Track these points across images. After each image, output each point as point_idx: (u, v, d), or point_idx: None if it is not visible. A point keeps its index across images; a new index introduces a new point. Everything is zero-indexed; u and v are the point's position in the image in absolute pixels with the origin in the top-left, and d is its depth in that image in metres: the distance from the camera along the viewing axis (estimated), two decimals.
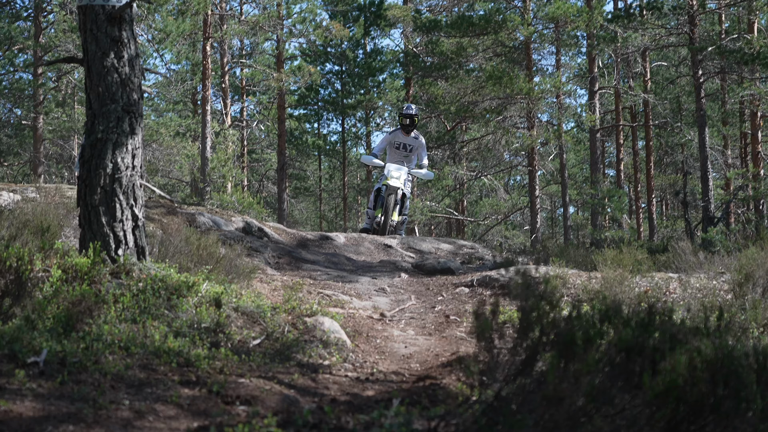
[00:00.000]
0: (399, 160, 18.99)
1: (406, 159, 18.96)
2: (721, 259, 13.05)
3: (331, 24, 39.56)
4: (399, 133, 19.02)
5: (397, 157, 19.00)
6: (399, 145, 18.93)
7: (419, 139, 19.07)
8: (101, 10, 8.67)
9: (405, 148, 18.90)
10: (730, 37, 33.59)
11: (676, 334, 4.85)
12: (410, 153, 18.99)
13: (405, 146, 18.90)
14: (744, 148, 39.92)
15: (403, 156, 18.93)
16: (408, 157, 18.98)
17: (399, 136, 18.98)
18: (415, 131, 19.03)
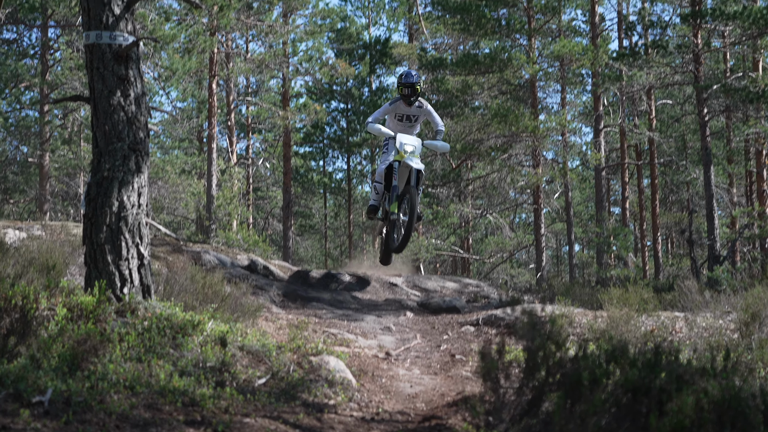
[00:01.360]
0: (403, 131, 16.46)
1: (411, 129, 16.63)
2: (727, 298, 13.03)
3: (337, 62, 39.74)
4: (400, 103, 16.48)
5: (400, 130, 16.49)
6: (402, 116, 16.53)
7: (424, 107, 16.59)
8: (108, 48, 8.71)
9: (408, 119, 16.55)
10: (735, 75, 33.63)
11: (683, 374, 4.84)
12: (415, 122, 16.70)
13: (408, 117, 16.52)
14: (750, 187, 39.91)
15: (408, 127, 16.58)
16: (412, 128, 16.67)
17: (400, 107, 16.49)
18: (419, 100, 16.51)
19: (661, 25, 32.86)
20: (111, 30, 8.74)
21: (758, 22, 28.42)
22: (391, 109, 16.49)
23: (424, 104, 16.56)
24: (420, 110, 16.51)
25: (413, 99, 16.27)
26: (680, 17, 31.19)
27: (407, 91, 16.22)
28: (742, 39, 31.72)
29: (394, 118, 16.52)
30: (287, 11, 38.78)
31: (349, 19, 46.36)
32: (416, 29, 42.46)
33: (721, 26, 30.49)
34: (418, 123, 16.77)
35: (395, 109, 16.45)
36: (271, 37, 38.37)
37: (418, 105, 16.44)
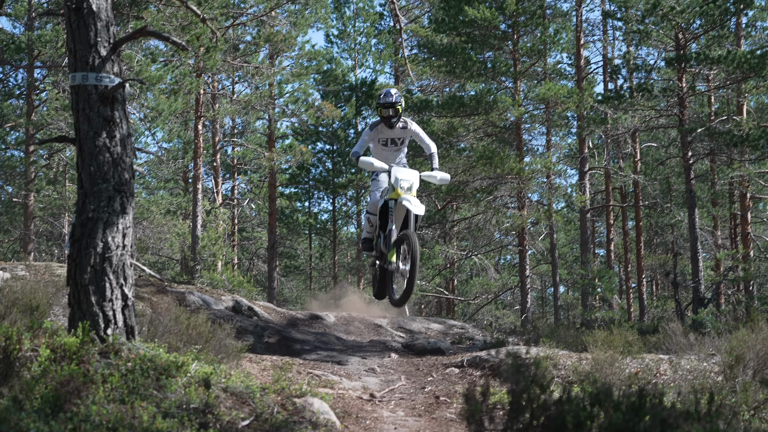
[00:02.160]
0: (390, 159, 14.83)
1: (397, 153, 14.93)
2: (711, 340, 13.04)
3: (323, 104, 39.83)
4: (381, 127, 14.72)
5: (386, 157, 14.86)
6: (385, 141, 14.83)
7: (409, 127, 14.78)
8: (94, 90, 8.72)
9: (393, 143, 14.85)
10: (719, 118, 33.82)
11: (667, 418, 4.84)
12: (401, 146, 14.97)
13: (393, 141, 14.83)
14: (734, 229, 40.04)
15: (394, 151, 14.91)
16: (399, 151, 14.94)
17: (383, 131, 14.74)
18: (402, 120, 14.70)
19: (646, 69, 33.08)
20: (97, 71, 8.75)
21: (742, 67, 28.64)
22: (373, 135, 14.77)
23: (408, 124, 14.80)
24: (405, 131, 14.79)
25: (395, 120, 14.52)
26: (665, 61, 31.46)
27: (387, 112, 14.46)
28: (727, 83, 31.94)
29: (378, 143, 14.86)
30: (273, 53, 38.92)
31: (335, 61, 46.56)
32: (402, 71, 42.66)
33: (706, 70, 30.71)
34: (405, 145, 15.06)
35: (377, 133, 14.75)
36: (257, 79, 38.46)
37: (402, 126, 14.72)
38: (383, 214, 14.14)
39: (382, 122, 14.57)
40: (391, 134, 14.71)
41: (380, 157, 14.71)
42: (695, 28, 30.73)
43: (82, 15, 8.82)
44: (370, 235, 14.65)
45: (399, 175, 13.82)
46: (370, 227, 14.66)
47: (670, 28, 30.29)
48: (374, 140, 14.82)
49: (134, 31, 9.43)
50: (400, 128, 14.67)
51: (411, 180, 13.87)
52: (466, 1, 33.12)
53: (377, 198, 14.46)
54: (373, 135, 14.73)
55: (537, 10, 34.42)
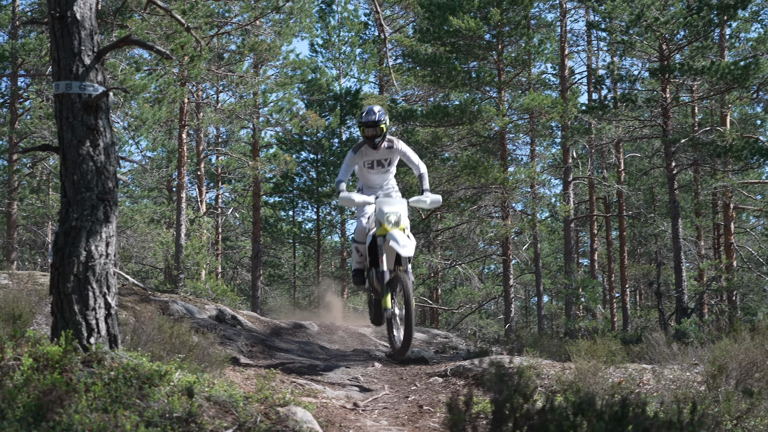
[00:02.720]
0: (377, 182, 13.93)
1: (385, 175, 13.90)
2: (694, 350, 13.07)
3: (307, 113, 39.84)
4: (365, 148, 13.54)
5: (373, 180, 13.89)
6: (371, 163, 13.66)
7: (395, 146, 13.61)
8: (77, 98, 8.71)
9: (380, 164, 13.70)
10: (703, 129, 33.97)
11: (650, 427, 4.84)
12: (389, 167, 13.83)
13: (380, 162, 13.68)
14: (717, 239, 40.20)
15: (381, 174, 13.82)
16: (387, 172, 13.87)
17: (367, 153, 13.57)
18: (387, 139, 13.53)
19: (630, 79, 33.17)
20: (81, 80, 8.74)
21: (726, 78, 28.74)
22: (357, 158, 13.52)
23: (395, 143, 13.59)
24: (391, 151, 13.60)
25: (379, 140, 13.32)
26: (649, 72, 31.56)
27: (371, 132, 13.28)
28: (710, 94, 32.03)
29: (363, 166, 13.65)
30: (258, 62, 38.93)
31: (319, 70, 46.52)
32: (387, 81, 42.76)
33: (690, 81, 30.81)
34: (393, 166, 13.89)
35: (361, 156, 13.54)
36: (241, 88, 38.47)
37: (388, 145, 13.52)
38: (373, 250, 12.95)
39: (366, 143, 13.41)
40: (376, 155, 13.57)
41: (367, 182, 13.86)
42: (679, 39, 30.81)
43: (66, 24, 8.82)
44: (361, 266, 13.56)
45: (385, 208, 12.60)
46: (359, 257, 13.55)
47: (654, 38, 30.38)
48: (359, 163, 13.66)
49: (118, 40, 9.43)
50: (386, 148, 13.53)
51: (398, 211, 12.64)
52: (451, 11, 33.16)
53: (363, 225, 13.38)
54: (356, 158, 13.54)
55: (521, 20, 34.48)
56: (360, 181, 14.14)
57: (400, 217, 12.53)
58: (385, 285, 12.49)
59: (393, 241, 12.19)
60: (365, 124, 13.27)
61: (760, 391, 8.57)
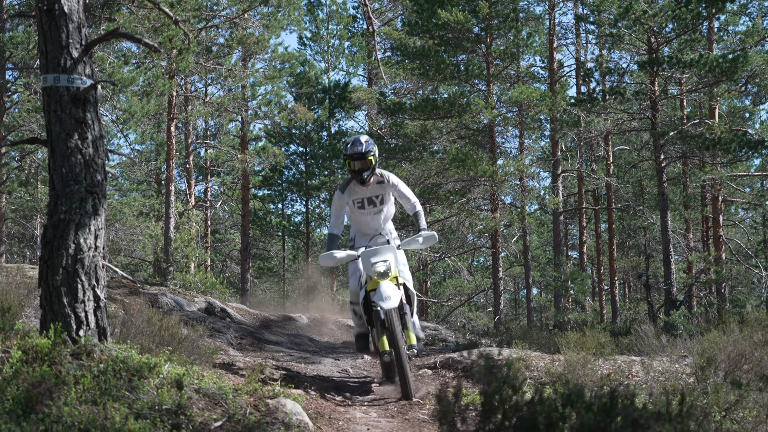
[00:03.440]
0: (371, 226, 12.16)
1: (379, 216, 12.12)
2: (683, 342, 13.09)
3: (296, 106, 39.79)
4: (353, 186, 11.88)
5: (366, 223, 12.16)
6: (361, 202, 11.95)
7: (387, 181, 11.95)
8: (66, 91, 8.69)
9: (372, 203, 11.97)
10: (691, 122, 34.00)
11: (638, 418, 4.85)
12: (382, 205, 12.07)
13: (371, 201, 11.96)
14: (706, 232, 40.24)
15: (374, 214, 12.06)
16: (381, 212, 12.10)
17: (356, 191, 11.90)
18: (377, 173, 11.90)
19: (618, 72, 33.19)
20: (69, 73, 8.72)
21: (714, 71, 28.77)
22: (345, 198, 11.90)
23: (386, 177, 11.96)
24: (383, 187, 11.95)
25: (368, 175, 11.66)
26: (637, 64, 31.56)
27: (357, 165, 11.61)
28: (699, 87, 32.07)
29: (354, 207, 12.02)
30: (246, 55, 38.92)
31: (308, 63, 46.48)
32: (375, 74, 42.73)
33: (678, 74, 30.80)
34: (387, 204, 12.20)
35: (349, 195, 11.91)
36: (230, 81, 38.41)
37: (379, 180, 11.90)
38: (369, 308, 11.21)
39: (353, 179, 11.77)
40: (366, 192, 11.89)
41: (359, 226, 12.23)
42: (668, 32, 30.82)
43: (53, 17, 8.80)
44: (363, 330, 11.94)
45: (372, 259, 11.13)
46: (358, 320, 11.97)
47: (642, 31, 30.37)
48: (348, 204, 12.00)
49: (106, 33, 9.41)
50: (377, 183, 11.88)
51: (386, 259, 11.16)
52: (440, 4, 33.16)
53: (356, 285, 11.81)
54: (344, 198, 11.90)
55: (510, 13, 34.47)
56: (352, 228, 12.51)
57: (389, 266, 11.08)
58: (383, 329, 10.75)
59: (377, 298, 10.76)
60: (351, 156, 11.59)
61: (748, 383, 8.59)
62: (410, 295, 11.46)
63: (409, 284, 11.58)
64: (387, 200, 12.10)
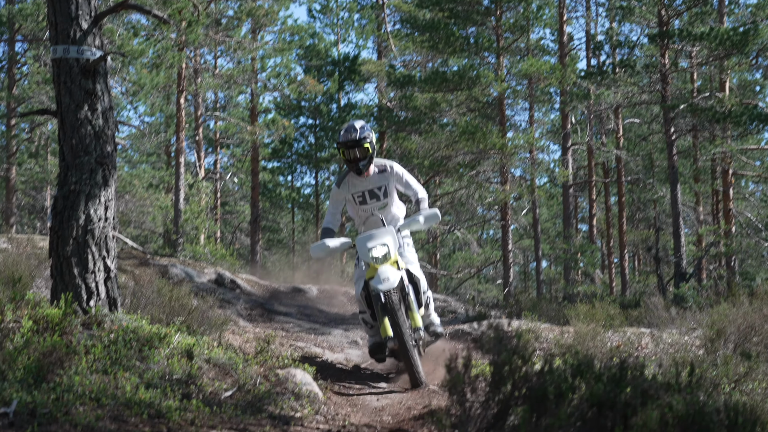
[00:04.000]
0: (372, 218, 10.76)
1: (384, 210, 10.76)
2: (693, 314, 13.09)
3: (306, 78, 39.72)
4: (350, 178, 10.64)
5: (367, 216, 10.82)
6: (362, 196, 10.64)
7: (389, 170, 10.65)
8: (75, 63, 8.68)
9: (374, 196, 10.64)
10: (701, 95, 33.87)
11: (648, 389, 4.86)
12: (386, 197, 10.70)
13: (373, 194, 10.64)
14: (716, 205, 40.15)
15: (379, 209, 10.69)
16: (386, 207, 10.75)
17: (354, 184, 10.62)
18: (375, 162, 10.64)
19: (628, 45, 33.06)
20: (78, 44, 8.72)
21: (725, 44, 28.64)
22: (342, 192, 10.71)
23: (387, 166, 10.68)
24: (385, 177, 10.66)
25: (365, 164, 10.39)
26: (648, 37, 31.40)
27: (352, 154, 10.37)
28: (709, 60, 31.92)
29: (354, 202, 10.75)
30: (256, 27, 38.83)
31: (317, 35, 46.36)
32: (385, 46, 42.51)
33: (689, 47, 30.69)
34: (392, 195, 10.84)
35: (347, 189, 10.68)
36: (239, 53, 38.37)
37: (380, 170, 10.65)
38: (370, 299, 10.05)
39: (350, 170, 10.59)
40: (366, 185, 10.63)
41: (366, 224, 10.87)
42: (678, 4, 30.69)
43: None
44: (377, 338, 10.22)
45: (368, 244, 9.99)
46: (369, 329, 10.48)
47: (653, 4, 30.25)
48: (348, 200, 10.79)
49: (116, 5, 9.40)
50: (377, 173, 10.64)
51: (384, 242, 10.03)
52: None
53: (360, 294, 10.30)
54: (342, 193, 10.71)
55: None
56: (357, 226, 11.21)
57: (388, 250, 9.95)
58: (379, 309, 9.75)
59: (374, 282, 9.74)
60: (344, 144, 10.38)
61: (758, 355, 8.60)
62: (417, 281, 10.27)
63: (415, 268, 10.41)
64: (391, 192, 10.77)
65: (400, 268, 10.01)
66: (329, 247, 10.17)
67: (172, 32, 30.16)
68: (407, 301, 9.84)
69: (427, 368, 9.69)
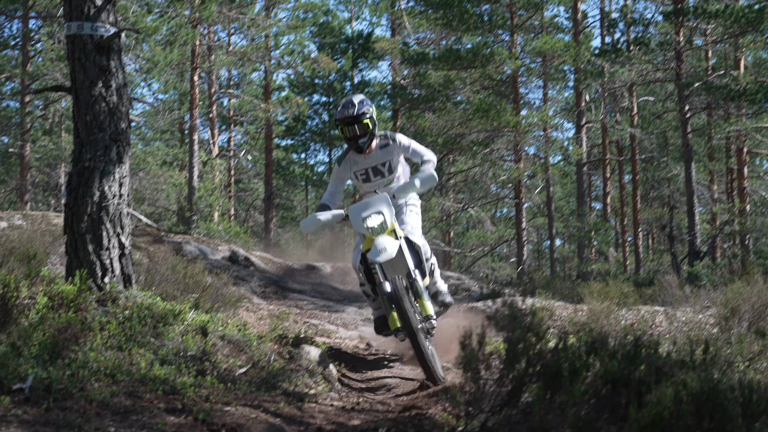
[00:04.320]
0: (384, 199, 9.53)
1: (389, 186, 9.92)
2: (707, 293, 13.08)
3: (319, 56, 39.66)
4: (352, 156, 9.93)
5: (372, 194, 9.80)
6: (365, 174, 9.94)
7: (392, 143, 9.86)
8: (89, 39, 8.68)
9: (377, 172, 9.91)
10: (716, 73, 33.75)
11: (662, 366, 4.86)
12: (393, 173, 9.97)
13: (377, 171, 9.90)
14: (730, 184, 40.04)
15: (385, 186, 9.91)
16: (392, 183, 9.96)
17: (356, 161, 9.92)
18: (378, 135, 9.89)
19: (643, 23, 32.96)
20: (92, 21, 8.71)
21: (740, 21, 28.52)
22: (344, 171, 10.03)
23: (390, 137, 9.91)
24: (389, 151, 9.89)
25: (364, 141, 9.66)
26: (663, 15, 31.29)
27: (350, 132, 9.67)
28: (724, 37, 31.82)
29: (359, 180, 10.05)
30: (269, 5, 38.75)
31: (331, 13, 46.31)
32: (399, 24, 42.41)
33: (703, 24, 30.56)
34: (398, 170, 10.09)
35: (349, 167, 9.99)
36: (253, 31, 38.29)
37: (382, 144, 9.88)
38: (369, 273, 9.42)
39: (351, 148, 9.89)
40: (369, 162, 9.93)
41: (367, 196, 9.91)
42: None
43: None
44: (381, 311, 9.78)
45: (363, 214, 9.26)
46: (372, 302, 9.92)
47: None
48: (351, 178, 10.13)
49: None
50: (380, 149, 9.89)
51: (380, 210, 9.29)
52: None
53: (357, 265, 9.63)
54: (344, 171, 10.03)
55: None
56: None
57: (384, 219, 9.19)
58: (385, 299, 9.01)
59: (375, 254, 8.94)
60: (342, 121, 9.69)
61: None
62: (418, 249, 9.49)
63: (416, 236, 9.66)
64: (397, 167, 10.00)
65: (399, 237, 9.26)
66: (320, 221, 9.42)
67: (185, 9, 30.14)
68: (415, 288, 9.07)
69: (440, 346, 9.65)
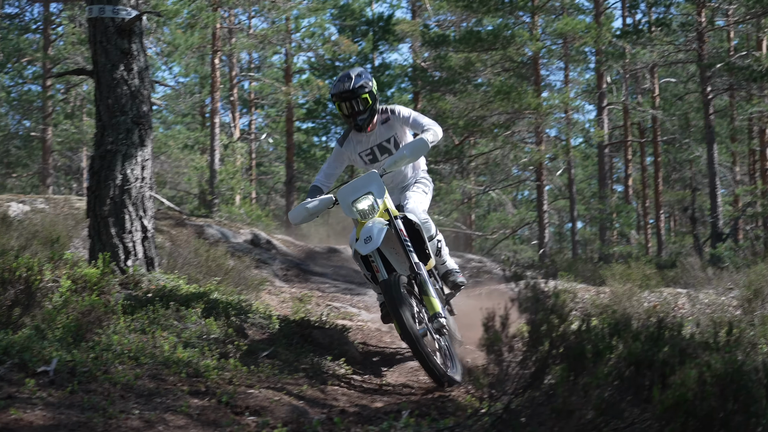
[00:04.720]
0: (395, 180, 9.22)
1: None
2: (729, 275, 13.05)
3: (340, 39, 39.61)
4: (354, 135, 9.03)
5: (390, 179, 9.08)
6: (370, 153, 9.05)
7: (394, 115, 8.96)
8: (111, 22, 8.70)
9: (383, 150, 9.01)
10: (738, 54, 33.59)
11: (686, 348, 4.85)
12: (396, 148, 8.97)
13: (383, 148, 9.00)
14: (753, 165, 39.88)
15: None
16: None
17: (359, 141, 9.02)
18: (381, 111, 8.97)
19: (664, 3, 32.79)
20: (114, 4, 8.73)
21: (762, 1, 28.39)
22: (346, 152, 9.11)
23: (390, 112, 8.99)
24: (390, 125, 9.00)
25: (364, 118, 8.77)
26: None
27: (347, 108, 8.77)
28: (746, 18, 31.67)
29: (362, 161, 9.15)
30: None
31: None
32: (419, 6, 42.34)
33: (725, 5, 30.43)
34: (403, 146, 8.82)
35: (352, 147, 9.08)
36: (273, 13, 38.24)
37: (384, 119, 8.97)
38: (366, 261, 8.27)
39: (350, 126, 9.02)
40: (373, 139, 9.05)
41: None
42: None
43: None
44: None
45: (350, 197, 8.35)
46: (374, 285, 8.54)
47: None
48: (355, 161, 9.26)
49: None
50: (382, 124, 9.00)
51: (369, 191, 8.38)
52: None
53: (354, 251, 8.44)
54: (346, 152, 9.14)
55: None
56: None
57: (374, 200, 8.32)
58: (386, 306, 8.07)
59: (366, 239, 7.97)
60: (338, 96, 8.79)
61: None
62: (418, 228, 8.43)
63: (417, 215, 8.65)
64: (402, 141, 9.07)
65: (396, 218, 8.29)
66: (308, 210, 8.46)
67: None
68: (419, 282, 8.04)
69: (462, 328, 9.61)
